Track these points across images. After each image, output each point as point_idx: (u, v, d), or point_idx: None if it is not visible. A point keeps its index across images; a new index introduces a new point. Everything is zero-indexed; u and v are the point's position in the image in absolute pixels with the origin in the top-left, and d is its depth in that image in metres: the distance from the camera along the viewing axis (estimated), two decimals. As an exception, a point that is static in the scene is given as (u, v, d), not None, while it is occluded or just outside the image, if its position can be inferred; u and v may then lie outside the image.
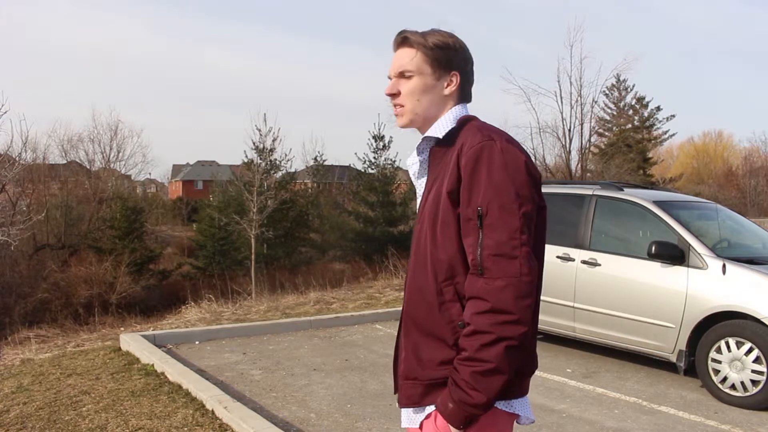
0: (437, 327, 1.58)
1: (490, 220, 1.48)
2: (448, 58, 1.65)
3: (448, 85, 1.67)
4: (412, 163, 1.78)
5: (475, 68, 1.74)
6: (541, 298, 6.38)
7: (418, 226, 1.67)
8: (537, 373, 5.39)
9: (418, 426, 1.65)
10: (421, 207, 1.68)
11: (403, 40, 1.68)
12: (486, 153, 1.52)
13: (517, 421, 1.66)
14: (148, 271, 25.93)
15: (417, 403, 1.62)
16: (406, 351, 1.66)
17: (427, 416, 1.61)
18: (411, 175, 1.79)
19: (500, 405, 1.57)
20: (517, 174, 1.52)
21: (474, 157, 1.53)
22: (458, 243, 1.55)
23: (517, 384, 1.59)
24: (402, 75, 1.68)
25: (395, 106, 1.71)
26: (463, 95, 1.72)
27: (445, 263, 1.56)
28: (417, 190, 1.78)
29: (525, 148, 1.61)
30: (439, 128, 1.66)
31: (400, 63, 1.68)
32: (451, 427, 1.53)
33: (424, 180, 1.73)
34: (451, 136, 1.64)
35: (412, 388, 1.62)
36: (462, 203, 1.53)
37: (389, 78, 1.72)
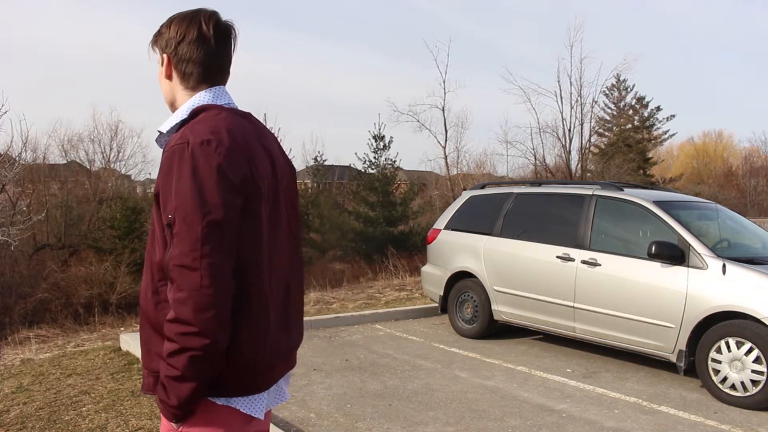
0: (159, 324, 1.58)
1: (176, 230, 1.46)
2: (158, 42, 1.68)
3: (163, 67, 1.68)
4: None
5: (203, 41, 1.62)
6: (541, 298, 6.29)
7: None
8: (537, 372, 5.44)
9: None
10: None
11: None
12: (177, 159, 1.48)
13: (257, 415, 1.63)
14: (148, 271, 25.90)
15: (154, 391, 1.65)
16: (141, 341, 1.70)
17: None
18: None
19: (220, 401, 1.56)
20: (206, 180, 1.46)
21: (166, 162, 1.50)
22: (165, 247, 1.55)
23: (239, 385, 1.56)
24: None
25: None
26: (203, 76, 1.65)
27: (157, 265, 1.58)
28: None
29: (232, 146, 1.52)
30: (169, 121, 1.66)
31: None
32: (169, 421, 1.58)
33: None
34: (179, 129, 1.61)
35: (147, 377, 1.66)
36: (161, 208, 1.52)
37: None
